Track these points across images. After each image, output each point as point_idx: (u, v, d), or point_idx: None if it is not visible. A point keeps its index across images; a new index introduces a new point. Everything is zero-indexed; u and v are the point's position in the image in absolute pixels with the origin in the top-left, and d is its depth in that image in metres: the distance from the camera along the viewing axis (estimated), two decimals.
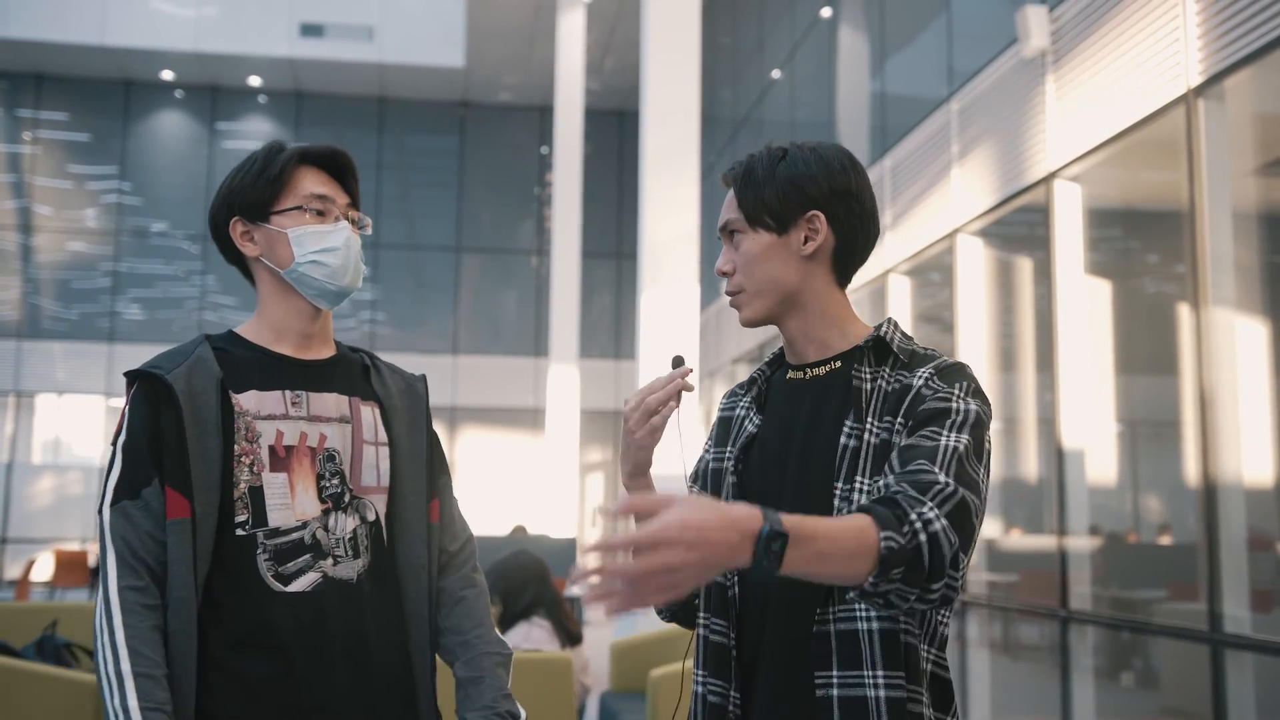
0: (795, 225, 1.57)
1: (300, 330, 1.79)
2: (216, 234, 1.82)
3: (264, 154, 1.79)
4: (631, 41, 15.46)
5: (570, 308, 13.20)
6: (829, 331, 1.60)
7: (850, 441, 1.49)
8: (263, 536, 1.65)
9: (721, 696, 1.55)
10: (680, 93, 7.05)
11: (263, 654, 1.62)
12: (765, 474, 1.58)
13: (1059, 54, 6.06)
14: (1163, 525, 6.21)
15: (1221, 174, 4.93)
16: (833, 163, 1.59)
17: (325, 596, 1.67)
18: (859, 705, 1.42)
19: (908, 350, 1.56)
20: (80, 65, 16.57)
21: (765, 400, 1.66)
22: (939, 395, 1.46)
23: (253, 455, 1.66)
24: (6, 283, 16.67)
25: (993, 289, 7.21)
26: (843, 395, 1.53)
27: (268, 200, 1.76)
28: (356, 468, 1.75)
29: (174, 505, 1.59)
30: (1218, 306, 4.85)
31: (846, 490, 1.47)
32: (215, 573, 1.62)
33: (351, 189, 1.85)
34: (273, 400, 1.71)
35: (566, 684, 3.89)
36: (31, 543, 15.89)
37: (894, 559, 1.27)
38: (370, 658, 1.69)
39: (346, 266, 1.77)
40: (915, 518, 1.29)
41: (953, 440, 1.40)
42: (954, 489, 1.34)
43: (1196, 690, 4.95)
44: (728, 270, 1.62)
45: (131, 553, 1.58)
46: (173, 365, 1.67)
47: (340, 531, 1.71)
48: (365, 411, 1.80)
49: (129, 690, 1.52)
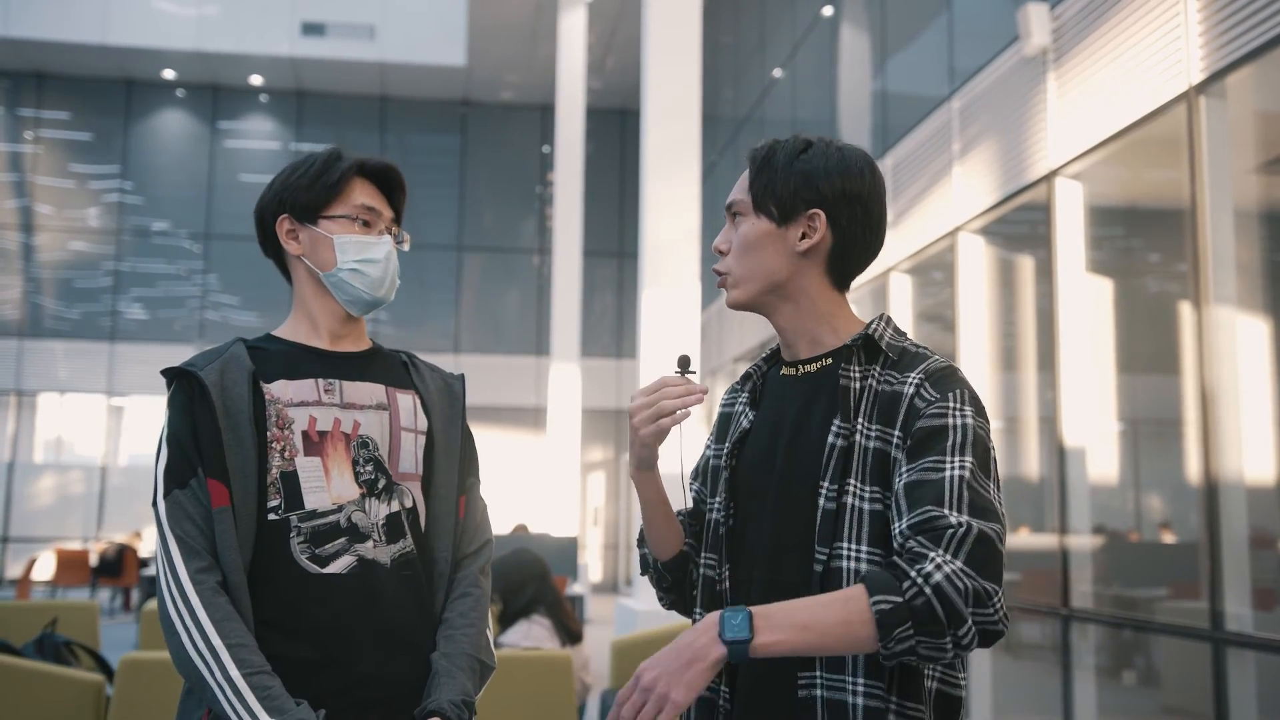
0: (796, 220, 1.57)
1: (333, 329, 1.85)
2: (261, 227, 1.88)
3: (323, 159, 1.84)
4: (633, 40, 15.45)
5: (572, 307, 13.20)
6: (820, 328, 1.59)
7: (838, 441, 1.48)
8: (296, 520, 1.70)
9: (712, 692, 1.56)
10: (681, 92, 7.05)
11: (293, 635, 1.66)
12: (754, 471, 1.58)
13: (1060, 52, 6.06)
14: (1164, 524, 6.20)
15: (1223, 172, 4.92)
16: (852, 165, 1.58)
17: (361, 579, 1.71)
18: (840, 708, 1.43)
19: (897, 348, 1.54)
20: (82, 64, 16.58)
21: (760, 396, 1.66)
22: (934, 409, 1.44)
23: (284, 441, 1.71)
24: (8, 282, 16.68)
25: (994, 287, 7.20)
26: (832, 394, 1.53)
27: (320, 204, 1.82)
28: (395, 454, 1.80)
29: (216, 495, 1.65)
30: (1219, 304, 4.84)
31: (834, 491, 1.46)
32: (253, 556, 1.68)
33: (398, 205, 1.90)
34: (305, 388, 1.76)
35: (567, 682, 3.88)
36: (33, 542, 15.90)
37: (891, 620, 1.30)
38: (397, 642, 1.72)
39: (384, 279, 1.83)
40: (915, 574, 1.31)
41: (957, 468, 1.39)
42: (968, 528, 1.34)
43: (1198, 688, 4.94)
44: (723, 249, 1.62)
45: (192, 539, 1.64)
46: (206, 363, 1.73)
47: (375, 516, 1.75)
48: (404, 400, 1.84)
49: (227, 661, 1.58)
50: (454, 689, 1.71)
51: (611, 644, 5.30)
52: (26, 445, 16.66)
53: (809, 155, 1.58)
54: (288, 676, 1.63)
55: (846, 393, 1.50)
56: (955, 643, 1.31)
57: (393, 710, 1.69)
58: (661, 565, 1.70)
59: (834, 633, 1.31)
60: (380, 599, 1.71)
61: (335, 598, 1.68)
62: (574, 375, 13.11)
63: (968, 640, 1.32)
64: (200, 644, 1.59)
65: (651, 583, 1.74)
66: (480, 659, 1.78)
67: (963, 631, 1.31)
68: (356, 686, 1.67)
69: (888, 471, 1.45)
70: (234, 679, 1.57)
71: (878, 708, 1.42)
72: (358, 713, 1.66)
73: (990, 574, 1.33)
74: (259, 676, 1.59)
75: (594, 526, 17.45)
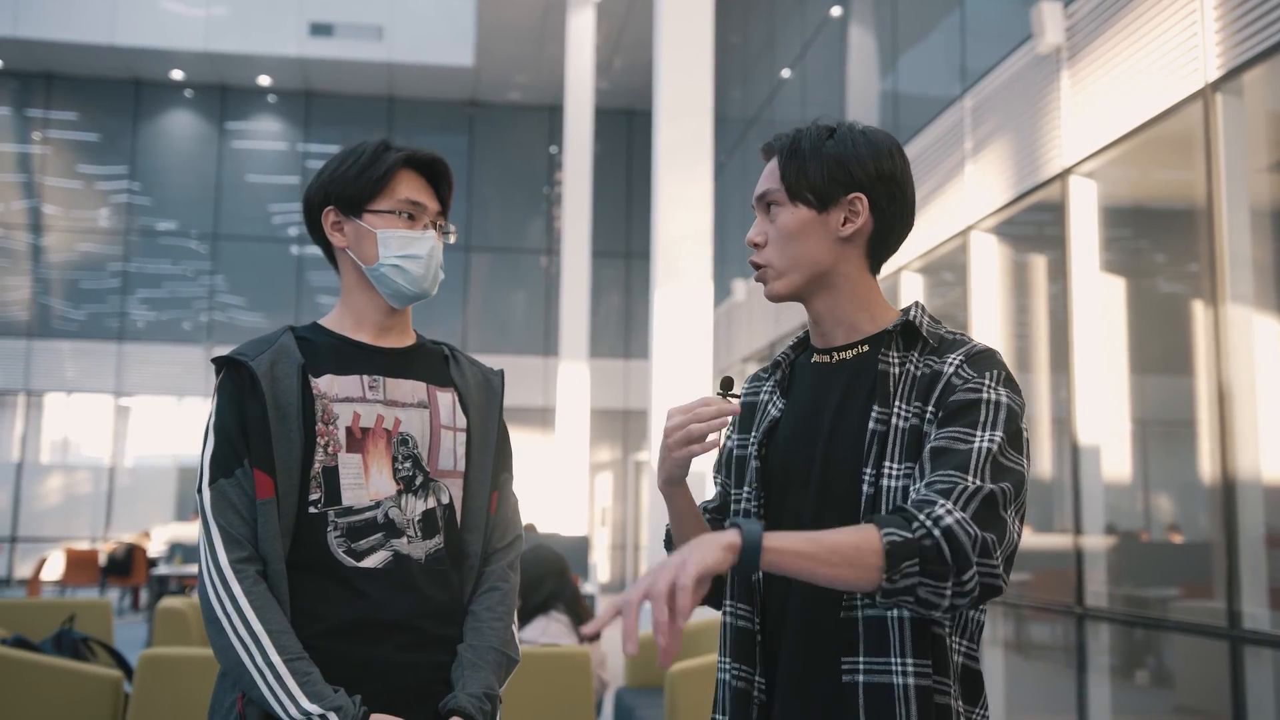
0: (836, 205, 1.56)
1: (378, 321, 1.86)
2: (308, 216, 1.88)
3: (370, 151, 1.83)
4: (640, 41, 15.45)
5: (580, 307, 13.19)
6: (858, 315, 1.58)
7: (878, 427, 1.48)
8: (334, 514, 1.71)
9: (746, 681, 1.54)
10: (693, 89, 7.04)
11: (327, 625, 1.68)
12: (789, 458, 1.56)
13: (1074, 50, 6.05)
14: (1180, 523, 6.19)
15: (1239, 170, 4.91)
16: (880, 147, 1.57)
17: (395, 573, 1.73)
18: (885, 692, 1.42)
19: (936, 335, 1.54)
20: (90, 65, 16.61)
21: (789, 384, 1.64)
22: (969, 385, 1.44)
23: (328, 436, 1.73)
24: (16, 282, 16.71)
25: (1006, 286, 7.19)
26: (871, 380, 1.52)
27: (365, 197, 1.82)
28: (435, 452, 1.81)
29: (262, 486, 1.67)
30: (1235, 304, 4.83)
31: (874, 475, 1.46)
32: (291, 547, 1.70)
33: (444, 197, 1.90)
34: (350, 384, 1.78)
35: (585, 678, 3.88)
36: (41, 541, 15.92)
37: (901, 551, 1.29)
38: (428, 635, 1.74)
39: (426, 274, 1.83)
40: (924, 516, 1.32)
41: (985, 440, 1.39)
42: (978, 486, 1.35)
43: (1213, 687, 4.93)
44: (759, 241, 1.60)
45: (234, 528, 1.66)
46: (257, 353, 1.74)
47: (412, 513, 1.77)
48: (443, 397, 1.85)
49: (268, 647, 1.61)
50: (478, 683, 1.72)
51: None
52: (34, 445, 16.69)
53: (836, 140, 1.57)
54: (320, 666, 1.65)
55: (886, 378, 1.50)
56: (956, 589, 1.31)
57: (421, 700, 1.71)
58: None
59: (841, 553, 1.28)
60: (413, 593, 1.73)
61: (369, 591, 1.70)
62: (583, 375, 13.10)
63: (970, 586, 1.31)
64: (241, 630, 1.61)
65: None
66: (506, 653, 1.80)
67: (967, 577, 1.31)
68: (386, 677, 1.69)
69: (920, 446, 1.45)
70: (275, 664, 1.59)
71: (925, 686, 1.41)
72: (387, 703, 1.67)
73: (995, 529, 1.33)
74: (299, 662, 1.61)
75: (601, 527, 17.44)
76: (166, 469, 16.87)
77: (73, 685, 3.71)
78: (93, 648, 4.34)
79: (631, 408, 17.53)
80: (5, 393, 16.51)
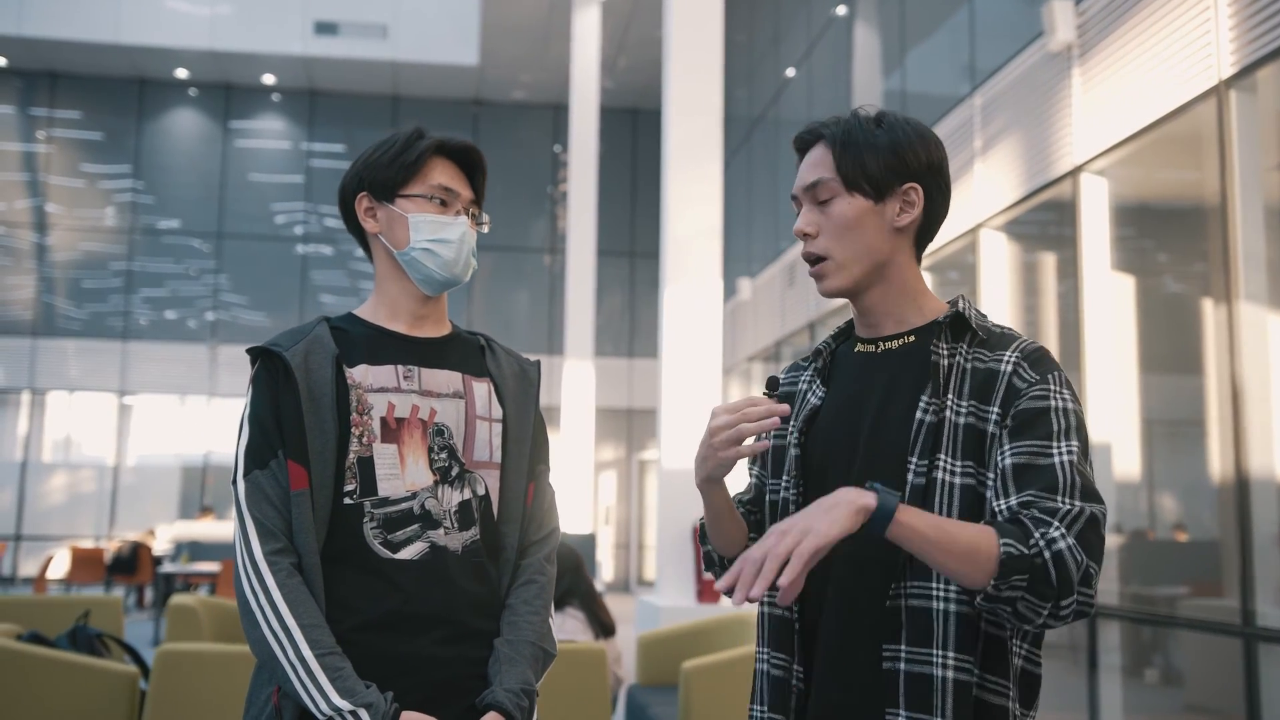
0: (892, 195, 1.55)
1: (412, 310, 1.85)
2: (343, 205, 1.88)
3: (404, 138, 1.84)
4: (645, 39, 15.44)
5: (586, 305, 13.18)
6: (907, 306, 1.59)
7: (927, 417, 1.47)
8: (370, 505, 1.70)
9: (784, 670, 1.55)
10: (703, 86, 7.04)
11: (363, 618, 1.67)
12: (831, 447, 1.56)
13: (1085, 47, 6.04)
14: (1192, 521, 6.18)
15: (1253, 167, 4.90)
16: (927, 135, 1.58)
17: (431, 565, 1.71)
18: (924, 682, 1.42)
19: (984, 328, 1.54)
20: (94, 63, 16.61)
21: (829, 373, 1.64)
22: (1035, 391, 1.45)
23: (363, 427, 1.72)
24: (21, 281, 16.71)
25: (1016, 285, 7.19)
26: (919, 370, 1.52)
27: (398, 183, 1.82)
28: (470, 442, 1.80)
29: (295, 477, 1.66)
30: (1248, 302, 4.82)
31: (924, 466, 1.46)
32: (326, 539, 1.69)
33: (478, 185, 1.91)
34: (385, 374, 1.76)
35: (601, 675, 3.88)
36: (46, 540, 15.93)
37: (1014, 565, 1.31)
38: (464, 628, 1.73)
39: (457, 259, 1.83)
40: (1039, 536, 1.33)
41: (1064, 454, 1.40)
42: (1079, 509, 1.36)
43: (1223, 685, 4.93)
44: (811, 232, 1.58)
45: (269, 520, 1.65)
46: (291, 343, 1.73)
47: (448, 504, 1.76)
48: (479, 388, 1.84)
49: (300, 641, 1.60)
50: (515, 678, 1.71)
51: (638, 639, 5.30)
52: (38, 444, 16.69)
53: (886, 129, 1.56)
54: (355, 659, 1.64)
55: (937, 369, 1.50)
56: (1053, 611, 1.34)
57: (457, 695, 1.70)
58: (729, 562, 1.69)
59: (961, 549, 1.32)
60: (449, 585, 1.71)
61: (405, 583, 1.69)
62: (588, 374, 13.10)
63: (1066, 612, 1.34)
64: (274, 623, 1.60)
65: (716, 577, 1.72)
66: (543, 646, 1.79)
67: (1066, 603, 1.33)
68: (422, 671, 1.68)
69: (982, 447, 1.45)
70: (306, 658, 1.59)
71: (966, 681, 1.41)
72: (423, 697, 1.66)
73: (1096, 557, 1.36)
74: (331, 657, 1.60)
75: (605, 525, 17.43)
76: (170, 468, 16.87)
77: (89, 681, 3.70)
78: (107, 643, 4.34)
79: (635, 406, 17.53)
80: (9, 391, 16.51)
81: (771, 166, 12.88)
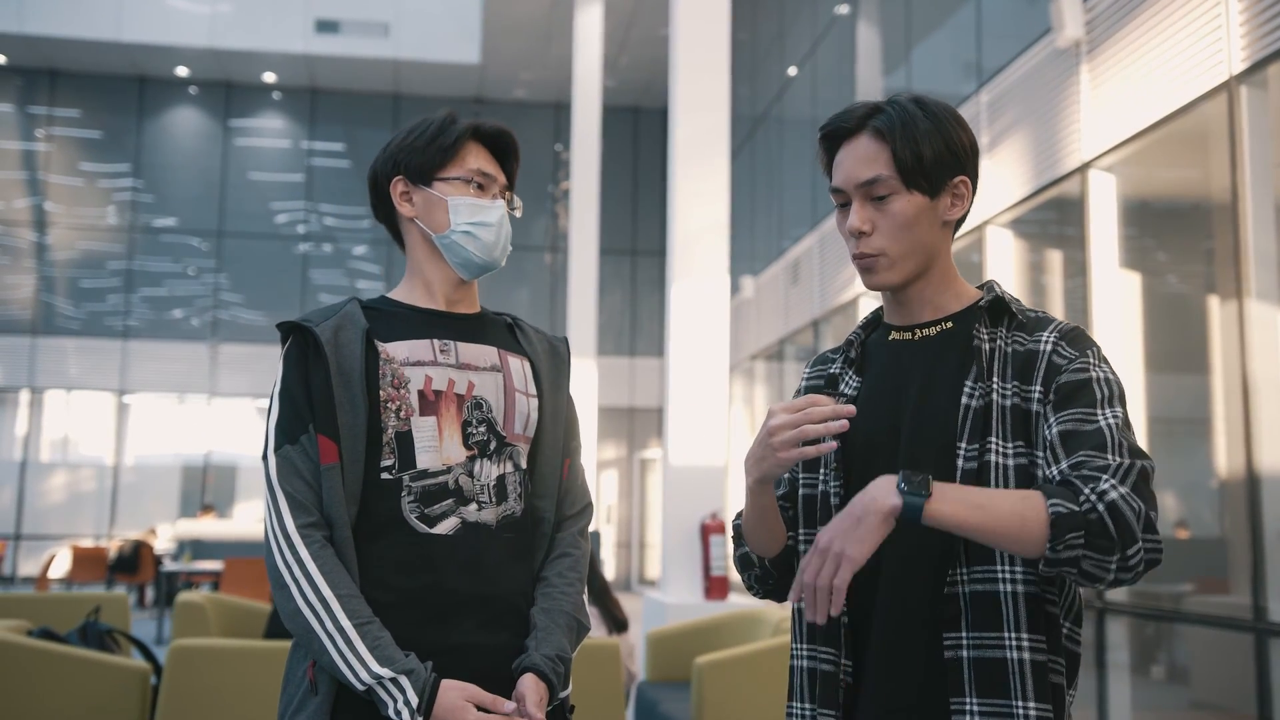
0: (945, 189, 1.55)
1: (447, 294, 1.84)
2: (375, 190, 1.87)
3: (438, 122, 1.84)
4: (648, 38, 15.43)
5: (588, 304, 13.17)
6: (945, 294, 1.58)
7: (973, 402, 1.46)
8: (409, 479, 1.69)
9: (833, 664, 1.52)
10: (710, 83, 7.03)
11: (398, 593, 1.66)
12: (871, 435, 1.53)
13: (1094, 43, 6.03)
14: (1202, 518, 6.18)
15: (1263, 164, 4.89)
16: (961, 119, 1.58)
17: (465, 540, 1.70)
18: (997, 666, 1.40)
19: (1021, 310, 1.54)
20: (94, 61, 16.59)
21: (862, 362, 1.63)
22: (1075, 366, 1.44)
23: (400, 401, 1.70)
24: (20, 280, 16.68)
25: (1023, 282, 7.18)
26: (960, 355, 1.51)
27: (435, 166, 1.81)
28: (510, 415, 1.79)
29: (325, 451, 1.65)
30: (1259, 299, 4.82)
31: (974, 451, 1.45)
32: (361, 514, 1.68)
33: (511, 171, 1.91)
34: (421, 348, 1.75)
35: (615, 670, 3.87)
36: (45, 539, 15.90)
37: (1066, 523, 1.30)
38: (499, 603, 1.72)
39: (496, 243, 1.83)
40: (1089, 491, 1.33)
41: (1109, 418, 1.40)
42: (1130, 463, 1.36)
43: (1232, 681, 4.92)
44: (867, 229, 1.54)
45: (300, 494, 1.64)
46: (321, 319, 1.72)
47: (485, 478, 1.74)
48: (515, 363, 1.84)
49: (338, 611, 1.59)
50: (551, 644, 1.71)
51: (647, 635, 5.30)
52: (37, 443, 16.66)
53: (930, 116, 1.54)
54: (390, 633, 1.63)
55: (979, 353, 1.49)
56: (1121, 563, 1.32)
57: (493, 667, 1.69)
58: (769, 563, 1.65)
59: (1006, 521, 1.32)
60: (483, 561, 1.71)
61: (440, 558, 1.68)
62: (591, 373, 13.09)
63: (1135, 561, 1.33)
64: (310, 595, 1.59)
65: (751, 580, 1.68)
66: (577, 618, 1.78)
67: (1132, 551, 1.32)
68: (457, 645, 1.67)
69: (1029, 427, 1.45)
70: (345, 628, 1.58)
71: (1041, 662, 1.40)
72: (457, 670, 1.65)
73: (1152, 504, 1.35)
74: (369, 626, 1.59)
75: (607, 524, 17.42)
76: (170, 467, 16.86)
77: (101, 677, 3.69)
78: (117, 639, 4.33)
79: (637, 405, 17.52)
80: (8, 390, 16.49)
81: (774, 165, 12.88)
